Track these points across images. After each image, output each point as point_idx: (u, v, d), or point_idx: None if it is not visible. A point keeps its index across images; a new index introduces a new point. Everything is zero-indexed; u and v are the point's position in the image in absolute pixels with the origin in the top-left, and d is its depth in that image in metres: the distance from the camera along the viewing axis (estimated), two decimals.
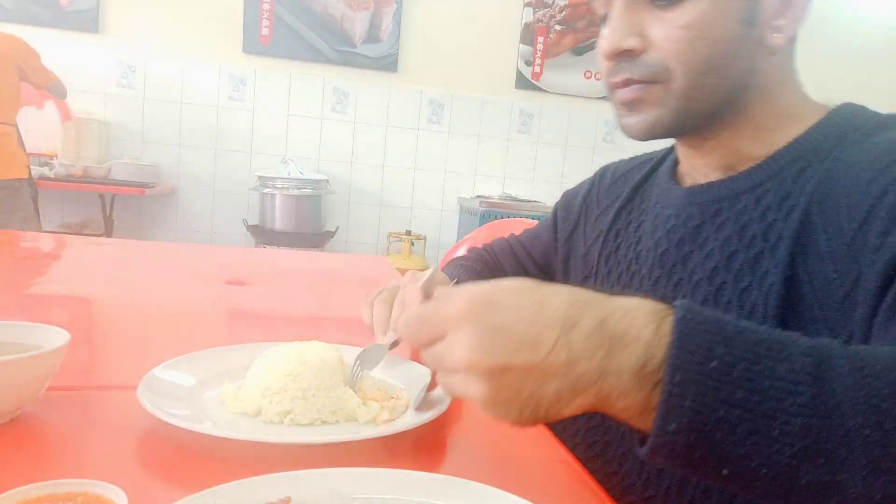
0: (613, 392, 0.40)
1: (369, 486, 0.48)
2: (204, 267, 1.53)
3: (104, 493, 0.44)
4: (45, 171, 3.20)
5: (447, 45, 3.83)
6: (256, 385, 0.63)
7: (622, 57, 0.63)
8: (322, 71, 3.72)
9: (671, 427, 0.39)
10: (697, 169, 0.70)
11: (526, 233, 1.00)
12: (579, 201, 0.89)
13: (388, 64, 3.78)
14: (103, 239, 3.18)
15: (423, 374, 0.70)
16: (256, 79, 3.67)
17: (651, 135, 0.65)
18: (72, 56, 3.42)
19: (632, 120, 0.65)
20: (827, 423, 0.38)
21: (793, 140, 0.63)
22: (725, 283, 0.63)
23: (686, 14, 0.59)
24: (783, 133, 0.64)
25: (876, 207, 0.53)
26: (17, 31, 2.90)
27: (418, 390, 0.65)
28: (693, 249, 0.67)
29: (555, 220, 0.93)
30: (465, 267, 0.89)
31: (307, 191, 3.44)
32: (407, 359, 0.76)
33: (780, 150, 0.63)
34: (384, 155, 3.88)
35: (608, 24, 0.64)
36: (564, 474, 0.58)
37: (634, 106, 0.64)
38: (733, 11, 0.59)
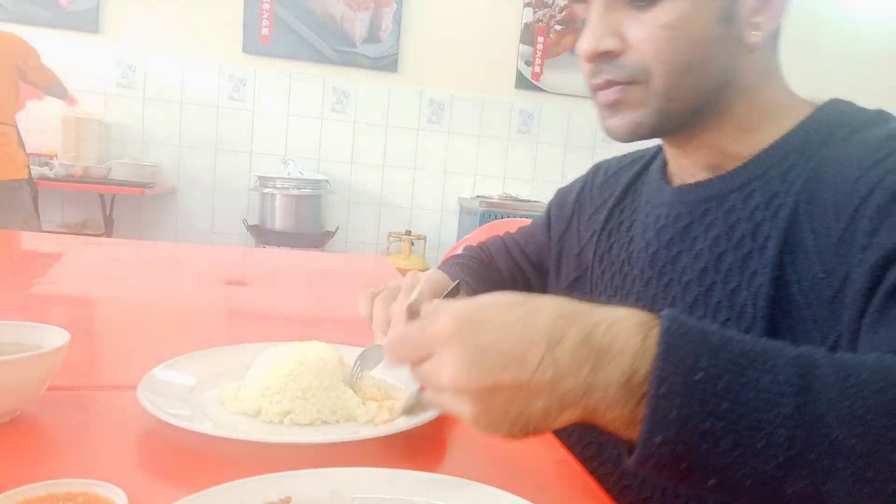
0: (601, 406, 0.41)
1: (369, 486, 0.48)
2: (204, 267, 1.53)
3: (104, 493, 0.44)
4: (45, 171, 3.20)
5: (447, 45, 3.83)
6: (256, 385, 0.63)
7: (602, 58, 0.62)
8: (322, 71, 3.72)
9: (657, 439, 0.39)
10: (685, 168, 0.70)
11: (521, 231, 0.99)
12: (573, 199, 0.89)
13: (388, 64, 3.78)
14: (103, 239, 3.18)
15: None
16: (256, 79, 3.67)
17: (634, 136, 0.64)
18: (72, 56, 3.42)
19: (614, 122, 0.64)
20: (811, 435, 0.38)
21: (779, 138, 0.63)
22: (715, 283, 0.62)
23: (664, 14, 0.59)
24: (768, 131, 0.63)
25: (863, 207, 0.52)
26: (17, 31, 2.90)
27: (410, 393, 0.65)
28: (682, 250, 0.67)
29: (548, 219, 0.93)
30: (461, 265, 0.88)
31: (307, 191, 3.44)
32: None
33: (766, 148, 0.63)
34: (384, 155, 3.88)
35: (587, 25, 0.64)
36: (564, 474, 0.58)
37: (616, 108, 0.63)
38: (711, 10, 0.59)
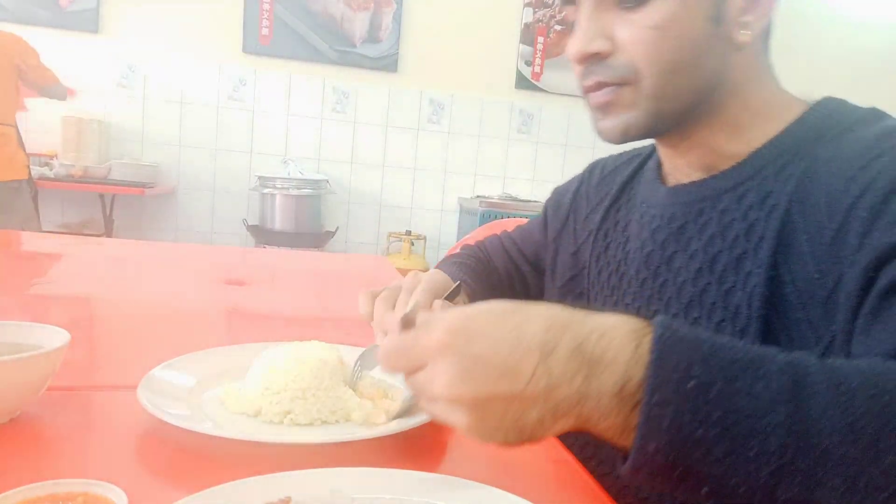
0: (594, 414, 0.41)
1: (369, 486, 0.48)
2: (204, 267, 1.53)
3: (104, 493, 0.44)
4: (45, 171, 3.19)
5: (447, 45, 3.82)
6: (256, 385, 0.63)
7: (591, 60, 0.62)
8: (322, 71, 3.72)
9: (650, 447, 0.39)
10: (679, 168, 0.70)
11: (518, 230, 0.99)
12: (569, 199, 0.89)
13: (388, 64, 3.78)
14: (103, 239, 3.18)
15: None
16: (256, 79, 3.66)
17: (626, 137, 0.64)
18: (72, 56, 3.42)
19: (606, 124, 0.64)
20: (803, 443, 0.38)
21: (773, 137, 0.62)
22: (710, 284, 0.62)
23: (652, 14, 0.59)
24: (761, 130, 0.63)
25: (855, 207, 0.52)
26: (17, 31, 2.89)
27: (406, 395, 0.64)
28: (677, 250, 0.66)
29: (545, 218, 0.93)
30: (460, 264, 0.88)
31: (307, 191, 3.43)
32: None
33: (759, 147, 0.63)
34: (384, 155, 3.88)
35: (576, 27, 0.64)
36: (564, 474, 0.58)
37: (608, 109, 0.63)
38: (699, 10, 0.59)
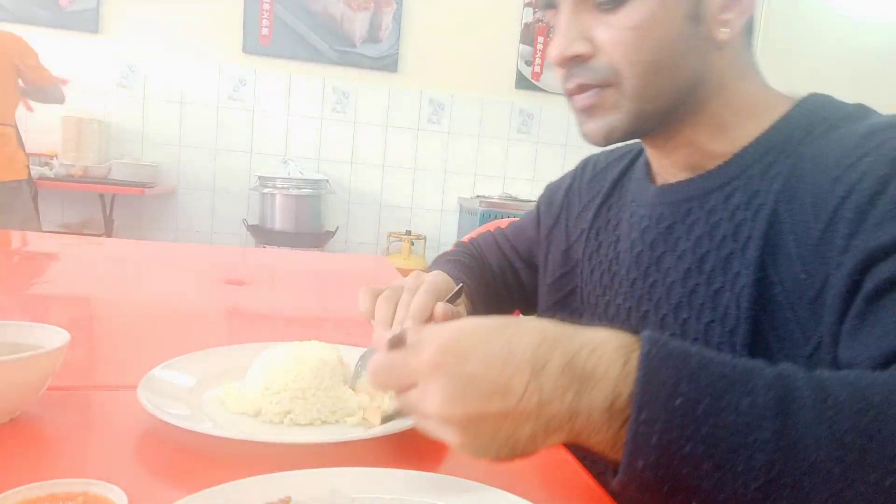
0: (585, 429, 0.42)
1: (369, 486, 0.48)
2: (204, 267, 1.53)
3: (104, 493, 0.44)
4: (45, 171, 3.19)
5: (447, 45, 3.82)
6: (256, 385, 0.63)
7: (572, 63, 0.62)
8: (322, 71, 3.72)
9: (639, 464, 0.40)
10: (665, 168, 0.70)
11: (511, 226, 0.98)
12: (561, 195, 0.88)
13: (388, 64, 3.78)
14: (103, 239, 3.18)
15: None
16: (256, 79, 3.66)
17: (610, 139, 0.64)
18: (72, 56, 3.42)
19: (590, 126, 0.64)
20: (790, 458, 0.38)
21: (759, 135, 0.62)
22: (699, 284, 0.62)
23: (630, 15, 0.59)
24: (747, 128, 0.63)
25: (841, 208, 0.52)
26: (17, 31, 2.89)
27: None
28: (666, 250, 0.66)
29: (538, 214, 0.92)
30: (455, 262, 0.88)
31: (307, 191, 3.43)
32: None
33: (746, 146, 0.62)
34: (384, 155, 3.88)
35: (556, 31, 0.63)
36: (564, 474, 0.58)
37: (591, 112, 0.63)
38: (678, 9, 0.59)
